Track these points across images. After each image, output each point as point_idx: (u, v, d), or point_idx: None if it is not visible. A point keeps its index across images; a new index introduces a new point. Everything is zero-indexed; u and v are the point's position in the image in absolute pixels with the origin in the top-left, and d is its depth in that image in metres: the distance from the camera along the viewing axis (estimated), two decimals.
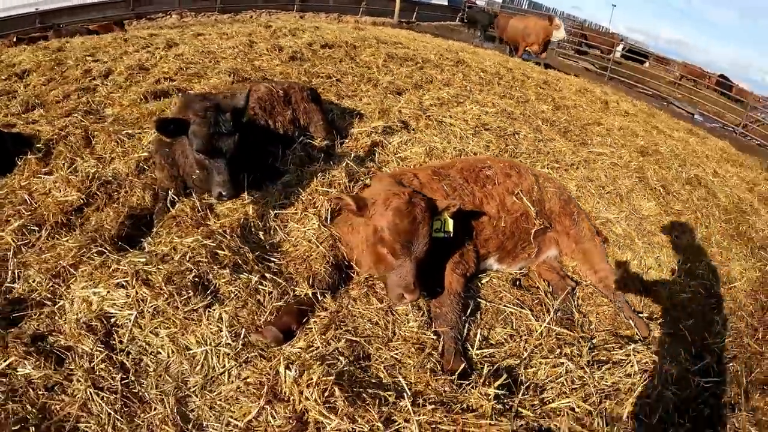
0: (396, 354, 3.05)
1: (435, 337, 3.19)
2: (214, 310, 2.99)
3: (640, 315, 4.10)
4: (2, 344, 2.85)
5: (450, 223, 3.34)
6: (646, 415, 3.10)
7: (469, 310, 3.50)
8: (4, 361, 2.74)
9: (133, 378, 2.71)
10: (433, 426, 2.55)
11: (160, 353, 2.84)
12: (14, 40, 12.83)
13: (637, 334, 3.82)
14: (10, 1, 15.28)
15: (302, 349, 2.92)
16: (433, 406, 2.65)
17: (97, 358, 2.75)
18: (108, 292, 3.01)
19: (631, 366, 3.31)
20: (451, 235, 3.38)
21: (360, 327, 3.18)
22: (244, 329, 2.94)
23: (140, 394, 2.66)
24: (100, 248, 3.32)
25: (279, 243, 3.73)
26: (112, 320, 2.95)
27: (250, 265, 3.33)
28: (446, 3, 26.17)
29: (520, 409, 2.82)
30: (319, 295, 3.25)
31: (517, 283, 4.12)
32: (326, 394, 2.56)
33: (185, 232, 3.57)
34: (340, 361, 2.84)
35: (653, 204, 6.42)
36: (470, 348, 3.26)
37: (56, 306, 3.09)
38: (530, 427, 2.73)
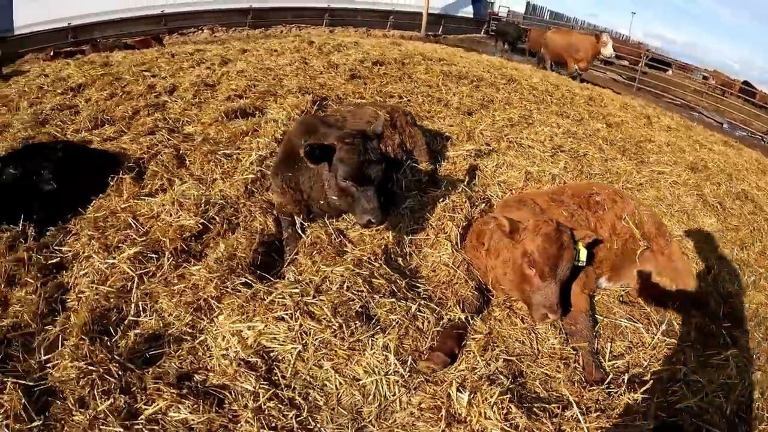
0: (545, 370, 3.19)
1: (574, 352, 3.39)
2: (377, 339, 2.97)
3: (724, 325, 4.27)
4: (140, 386, 2.67)
5: (584, 252, 3.54)
6: (743, 411, 3.29)
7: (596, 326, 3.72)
8: (147, 404, 2.55)
9: (306, 414, 2.59)
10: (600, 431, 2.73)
11: (327, 386, 2.77)
12: (51, 54, 12.91)
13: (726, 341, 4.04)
14: (43, 16, 15.36)
15: (466, 371, 2.97)
16: (597, 413, 2.82)
17: (263, 396, 2.61)
18: (266, 325, 2.90)
19: (731, 369, 3.51)
20: (584, 263, 3.58)
21: (510, 346, 3.33)
22: (410, 356, 2.96)
23: (316, 429, 2.56)
24: (243, 279, 3.21)
25: (417, 268, 3.79)
26: (271, 355, 2.84)
27: (402, 293, 3.36)
28: (471, 16, 26.29)
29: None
30: (470, 319, 3.37)
31: (621, 298, 4.31)
32: (504, 412, 2.66)
33: (330, 260, 3.51)
34: (502, 380, 2.93)
35: (714, 221, 6.47)
36: (603, 360, 3.43)
37: (197, 341, 2.92)
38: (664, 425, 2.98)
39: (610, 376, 3.19)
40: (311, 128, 3.70)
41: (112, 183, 4.29)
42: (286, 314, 2.98)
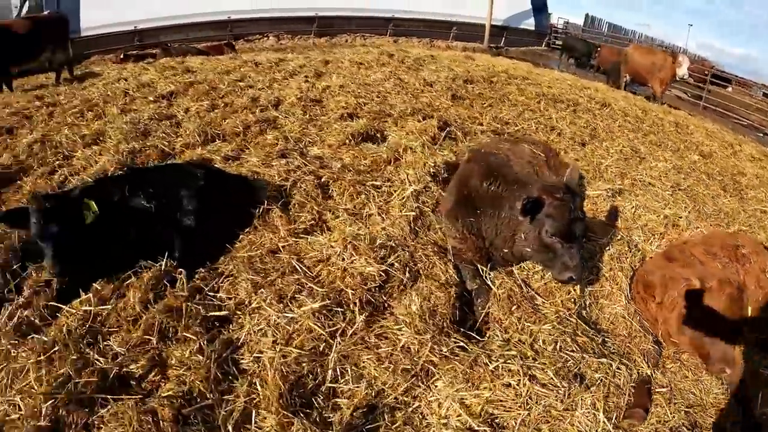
0: (714, 419, 3.28)
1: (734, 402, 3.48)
2: (585, 397, 2.96)
3: None
4: None
5: (749, 309, 3.72)
6: None
7: None
8: None
9: None
10: None
11: None
12: (121, 56, 12.97)
13: None
14: (109, 19, 15.57)
15: (657, 424, 3.06)
16: None
17: None
18: (492, 392, 2.84)
19: None
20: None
21: (686, 398, 3.40)
22: (615, 413, 2.98)
23: None
24: (457, 342, 3.08)
25: (597, 320, 3.82)
26: (496, 421, 2.78)
27: (599, 349, 3.39)
28: (533, 28, 26.01)
29: None
30: (653, 372, 3.47)
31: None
32: None
33: (531, 316, 3.51)
34: None
35: None
36: (755, 408, 3.45)
37: (410, 409, 2.72)
38: None
39: None
40: (493, 171, 3.68)
41: (257, 214, 3.96)
42: (514, 381, 2.92)
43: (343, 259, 3.41)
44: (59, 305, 3.12)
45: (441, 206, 4.20)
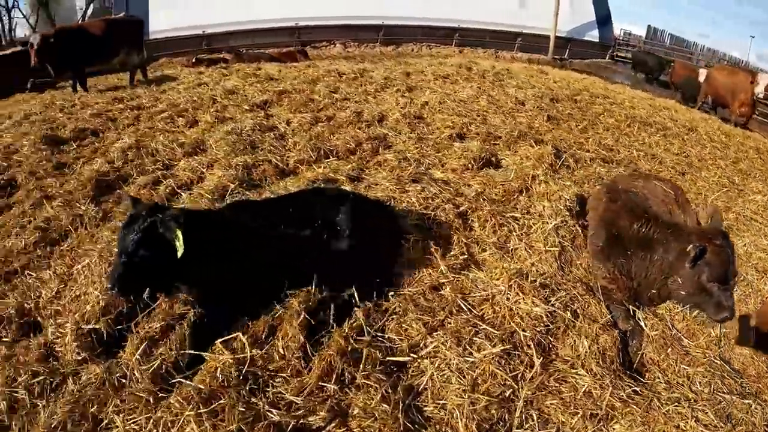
0: None
1: None
2: None
3: None
4: None
5: None
6: None
7: None
8: None
9: None
10: None
11: None
12: (194, 60, 13.32)
13: None
14: (177, 23, 16.15)
15: None
16: None
17: None
18: None
19: None
20: None
21: None
22: None
23: None
24: (631, 386, 3.23)
25: (729, 360, 3.92)
26: None
27: (740, 389, 3.54)
28: (597, 40, 25.73)
29: None
30: None
31: None
32: None
33: (683, 358, 3.68)
34: None
35: None
36: None
37: None
38: None
39: None
40: (641, 212, 3.86)
41: (406, 246, 3.89)
42: (683, 423, 3.07)
43: (508, 299, 3.48)
44: (207, 344, 2.94)
45: (588, 244, 4.25)
